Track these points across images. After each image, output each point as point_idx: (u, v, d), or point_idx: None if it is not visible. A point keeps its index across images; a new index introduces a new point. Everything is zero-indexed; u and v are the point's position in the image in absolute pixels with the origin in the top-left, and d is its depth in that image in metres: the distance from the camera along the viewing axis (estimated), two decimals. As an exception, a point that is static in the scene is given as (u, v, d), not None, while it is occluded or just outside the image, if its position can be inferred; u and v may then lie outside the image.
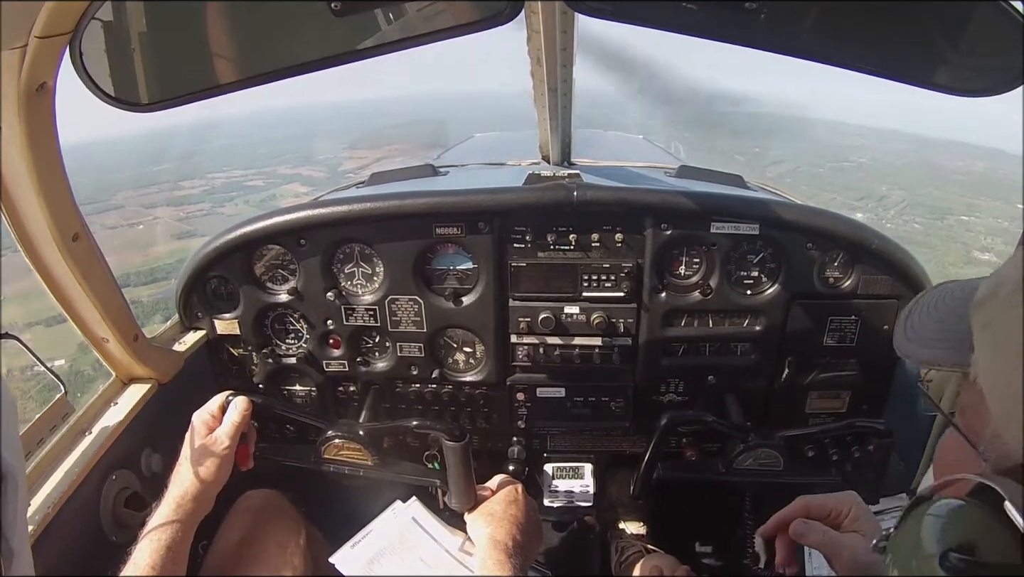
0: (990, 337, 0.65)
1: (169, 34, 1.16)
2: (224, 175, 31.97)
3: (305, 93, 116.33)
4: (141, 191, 27.57)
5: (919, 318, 0.85)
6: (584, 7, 1.13)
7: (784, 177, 29.71)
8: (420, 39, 1.13)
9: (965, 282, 0.87)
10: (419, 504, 1.72)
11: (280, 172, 33.06)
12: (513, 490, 1.61)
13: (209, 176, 30.78)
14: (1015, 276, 0.64)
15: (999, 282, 0.67)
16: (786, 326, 1.97)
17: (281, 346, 2.10)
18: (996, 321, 0.65)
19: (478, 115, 13.47)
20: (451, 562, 1.59)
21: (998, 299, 0.65)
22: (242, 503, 1.68)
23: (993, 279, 0.70)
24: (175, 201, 26.02)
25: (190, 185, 29.00)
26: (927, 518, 0.66)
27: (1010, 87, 1.12)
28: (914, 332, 0.84)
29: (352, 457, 1.78)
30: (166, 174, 30.72)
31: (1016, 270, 0.64)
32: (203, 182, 29.88)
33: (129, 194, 26.58)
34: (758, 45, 1.14)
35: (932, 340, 0.79)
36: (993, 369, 0.64)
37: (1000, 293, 0.65)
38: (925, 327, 0.83)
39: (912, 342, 0.83)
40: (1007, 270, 0.67)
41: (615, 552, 2.23)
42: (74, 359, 5.31)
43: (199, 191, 28.83)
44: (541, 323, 1.96)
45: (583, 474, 2.21)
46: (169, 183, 29.22)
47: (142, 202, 26.32)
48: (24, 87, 1.14)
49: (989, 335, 0.66)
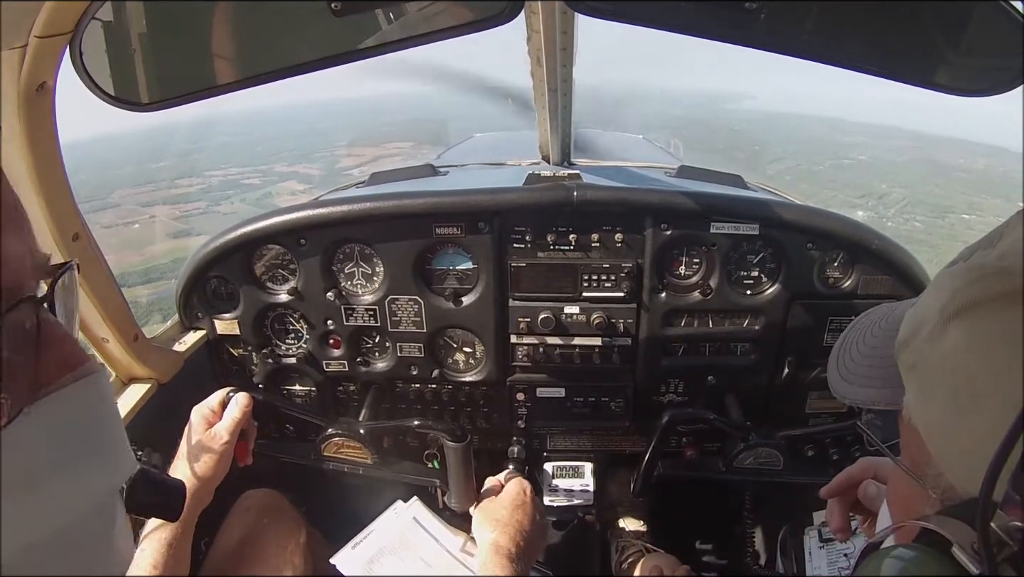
0: (917, 378, 0.64)
1: (169, 34, 1.16)
2: (221, 173, 31.90)
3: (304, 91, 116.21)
4: (138, 189, 27.48)
5: (850, 355, 0.83)
6: (584, 7, 1.13)
7: (784, 174, 29.63)
8: (420, 39, 1.13)
9: (889, 309, 0.85)
10: (420, 504, 1.72)
11: (277, 170, 33.00)
12: (521, 493, 1.60)
13: (206, 174, 30.71)
14: (934, 311, 0.62)
15: (921, 320, 0.64)
16: (786, 326, 1.97)
17: (281, 346, 2.10)
18: (921, 362, 0.63)
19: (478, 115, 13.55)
20: (452, 562, 1.59)
21: (920, 338, 0.63)
22: (242, 503, 1.68)
23: (914, 315, 0.67)
24: (172, 200, 25.95)
25: (187, 183, 28.92)
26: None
27: (1010, 87, 1.12)
28: (847, 371, 0.82)
29: (352, 455, 1.78)
30: (164, 172, 30.64)
31: (936, 303, 0.62)
32: (200, 180, 29.81)
33: (126, 192, 26.49)
34: (758, 45, 1.14)
35: (865, 379, 0.78)
36: (925, 410, 0.63)
37: (922, 332, 0.63)
38: (857, 365, 0.81)
39: (847, 383, 0.81)
40: (927, 303, 0.65)
41: (615, 551, 2.23)
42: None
43: (196, 189, 28.75)
44: (541, 323, 1.96)
45: (583, 473, 2.21)
46: (166, 181, 29.14)
47: (139, 200, 26.22)
48: (24, 87, 1.14)
49: (915, 376, 0.64)
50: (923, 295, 0.69)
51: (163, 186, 28.09)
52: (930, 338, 0.62)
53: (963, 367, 0.58)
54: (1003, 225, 0.65)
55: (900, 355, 0.67)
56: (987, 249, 0.63)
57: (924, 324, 0.63)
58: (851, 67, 1.18)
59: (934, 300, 0.63)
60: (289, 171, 32.38)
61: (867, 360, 0.79)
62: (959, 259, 0.66)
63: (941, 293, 0.62)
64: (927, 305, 0.65)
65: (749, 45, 1.15)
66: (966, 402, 0.57)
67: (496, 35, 1.15)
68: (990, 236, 0.65)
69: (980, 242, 0.66)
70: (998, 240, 0.62)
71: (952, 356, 0.59)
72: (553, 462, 2.24)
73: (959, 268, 0.64)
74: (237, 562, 1.56)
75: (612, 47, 38.19)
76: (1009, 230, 0.62)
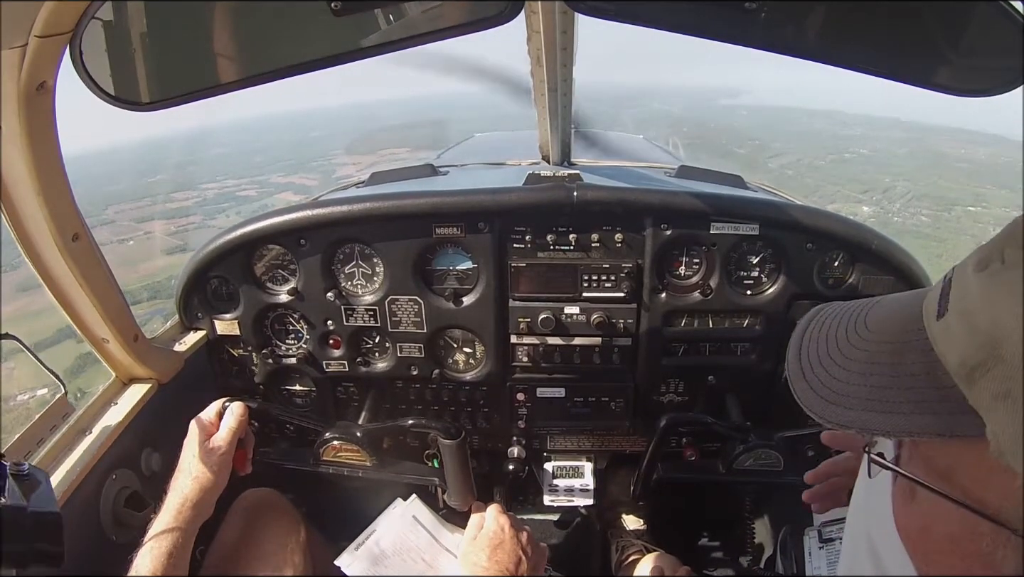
0: (1015, 407, 0.52)
1: (169, 33, 1.16)
2: (217, 185, 31.72)
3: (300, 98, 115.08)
4: (133, 204, 27.22)
5: (827, 372, 0.72)
6: (584, 7, 1.12)
7: (786, 169, 29.46)
8: (420, 39, 1.13)
9: (844, 311, 0.77)
10: (420, 503, 1.72)
11: (273, 181, 32.75)
12: (500, 532, 1.54)
13: (202, 187, 30.59)
14: (1010, 329, 0.52)
15: (992, 340, 0.54)
16: (786, 326, 1.97)
17: (281, 346, 2.10)
18: (1020, 388, 0.52)
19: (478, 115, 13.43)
20: (453, 561, 1.59)
21: (1006, 362, 0.53)
22: (240, 502, 1.68)
23: (972, 332, 0.57)
24: (167, 214, 25.77)
25: (183, 196, 28.78)
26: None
27: (1010, 87, 1.12)
28: (832, 392, 0.70)
29: (351, 458, 1.78)
30: (159, 186, 30.54)
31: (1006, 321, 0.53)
32: (196, 193, 29.65)
33: (121, 208, 26.30)
34: (758, 45, 1.14)
35: (876, 403, 0.65)
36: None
37: (1005, 354, 0.53)
38: (847, 385, 0.69)
39: (843, 408, 0.68)
40: (999, 317, 0.54)
41: (615, 551, 2.23)
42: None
43: (191, 203, 28.53)
44: (541, 323, 1.96)
45: (583, 473, 2.21)
46: (162, 195, 29.04)
47: (133, 216, 25.91)
48: (24, 87, 1.14)
49: (1012, 404, 0.53)
50: (963, 302, 0.59)
51: (159, 200, 27.91)
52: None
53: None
54: (1020, 219, 0.59)
55: (976, 382, 0.56)
56: (1018, 250, 0.56)
57: (1006, 343, 0.53)
58: (851, 67, 1.18)
59: (1009, 315, 0.53)
60: (285, 182, 32.19)
61: (865, 378, 0.68)
62: (990, 259, 0.58)
63: (1015, 307, 0.53)
64: (996, 319, 0.54)
65: (749, 45, 1.15)
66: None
67: (496, 35, 1.15)
68: (1014, 234, 0.57)
69: (1005, 240, 0.58)
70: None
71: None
72: (553, 462, 2.24)
73: (1019, 277, 0.54)
74: (236, 562, 1.56)
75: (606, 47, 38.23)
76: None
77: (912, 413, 0.62)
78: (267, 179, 33.35)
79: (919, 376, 0.62)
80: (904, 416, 0.62)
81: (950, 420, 0.59)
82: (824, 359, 0.73)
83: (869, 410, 0.65)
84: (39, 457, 1.52)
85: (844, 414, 0.67)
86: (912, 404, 0.62)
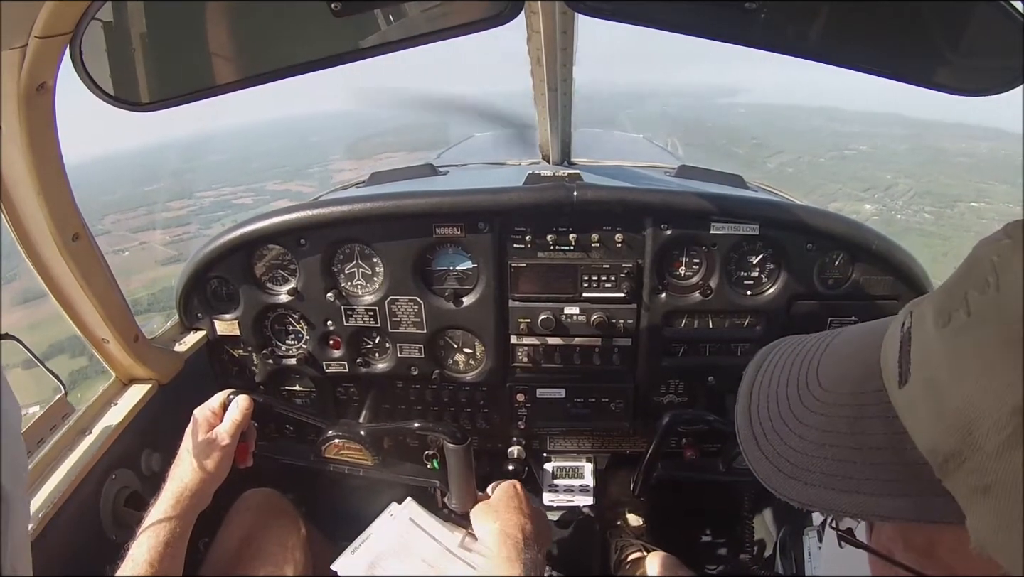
0: (998, 505, 0.46)
1: (169, 34, 1.16)
2: (213, 193, 31.55)
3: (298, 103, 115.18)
4: (129, 214, 27.04)
5: (783, 440, 0.64)
6: (584, 7, 1.13)
7: (786, 167, 29.33)
8: (420, 39, 1.14)
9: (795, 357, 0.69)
10: (415, 504, 1.72)
11: (269, 188, 32.51)
12: (512, 487, 1.62)
13: (198, 195, 30.47)
14: (1002, 412, 0.46)
15: (964, 423, 0.48)
16: (786, 326, 1.97)
17: (281, 347, 2.10)
18: (1002, 484, 0.46)
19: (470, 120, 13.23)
20: (453, 560, 1.59)
21: (984, 451, 0.47)
22: (242, 503, 1.68)
23: (940, 417, 0.50)
24: (163, 224, 25.62)
25: (179, 205, 28.67)
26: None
27: (1010, 87, 1.12)
28: (791, 465, 0.61)
29: (352, 457, 1.78)
30: (155, 194, 30.47)
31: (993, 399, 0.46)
32: (192, 202, 29.54)
33: (118, 217, 26.16)
34: (758, 45, 1.14)
35: (838, 480, 0.58)
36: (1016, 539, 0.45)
37: (983, 442, 0.47)
38: (808, 458, 0.61)
39: (803, 483, 0.60)
40: (973, 399, 0.48)
41: (615, 551, 2.23)
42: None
43: (187, 211, 28.36)
44: (541, 324, 1.96)
45: (583, 473, 2.21)
46: (159, 204, 28.97)
47: (130, 226, 25.76)
48: (24, 87, 1.14)
49: (994, 502, 0.47)
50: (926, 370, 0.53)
51: (156, 209, 27.79)
52: (1008, 450, 0.45)
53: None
54: (986, 251, 0.52)
55: (951, 472, 0.50)
56: (985, 292, 0.50)
57: (981, 429, 0.47)
58: (852, 67, 1.18)
59: (983, 393, 0.47)
60: (282, 189, 31.96)
61: (823, 449, 0.60)
62: (951, 308, 0.52)
63: (989, 382, 0.47)
64: (968, 399, 0.48)
65: (750, 45, 1.15)
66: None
67: (496, 35, 1.15)
68: (976, 271, 0.51)
69: (966, 280, 0.52)
70: (995, 279, 0.49)
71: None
72: (553, 462, 2.23)
73: (989, 337, 0.48)
74: (237, 562, 1.56)
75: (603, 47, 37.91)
76: (1006, 262, 0.49)
77: (879, 494, 0.55)
78: (263, 186, 33.16)
79: (883, 450, 0.55)
80: (870, 497, 0.55)
81: (922, 503, 0.52)
82: (777, 423, 0.65)
83: (831, 488, 0.58)
84: (39, 457, 1.53)
85: (805, 492, 0.60)
86: (879, 483, 0.55)
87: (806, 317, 1.95)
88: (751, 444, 0.66)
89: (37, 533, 1.39)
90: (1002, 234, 0.52)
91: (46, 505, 1.43)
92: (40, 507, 1.43)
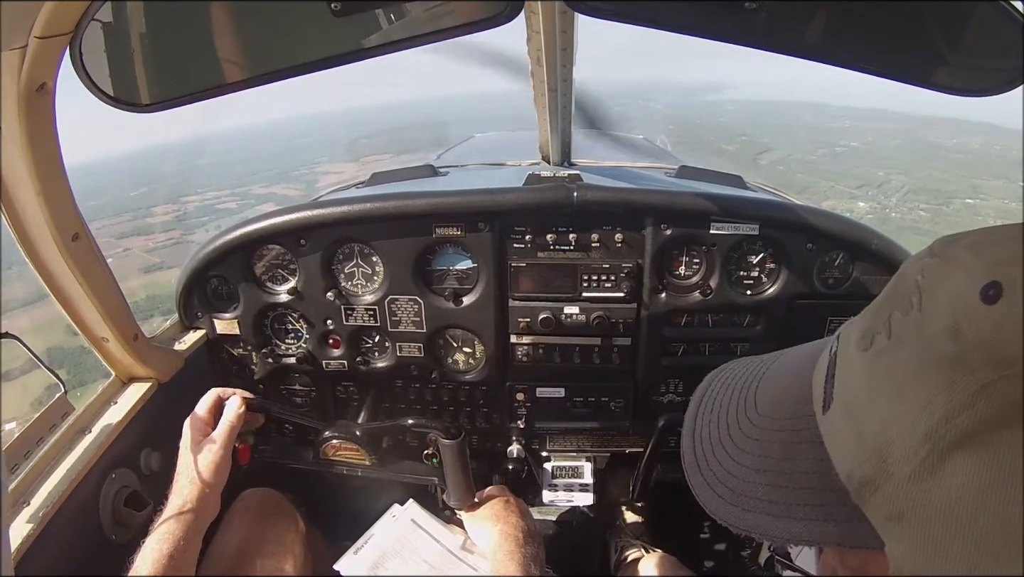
0: (912, 529, 0.46)
1: (169, 34, 1.16)
2: (198, 198, 31.49)
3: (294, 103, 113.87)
4: (114, 220, 26.91)
5: (723, 466, 0.64)
6: (584, 7, 1.12)
7: (777, 165, 29.22)
8: (420, 39, 1.13)
9: (738, 380, 0.69)
10: (417, 506, 1.73)
11: (254, 192, 32.42)
12: (501, 490, 1.64)
13: (183, 200, 30.36)
14: (914, 438, 0.45)
15: (883, 449, 0.48)
16: (786, 326, 1.97)
17: (281, 346, 2.10)
18: (915, 510, 0.46)
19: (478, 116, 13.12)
20: (455, 561, 1.59)
21: (898, 477, 0.47)
22: (240, 503, 1.68)
23: (859, 440, 0.50)
24: (146, 230, 25.46)
25: (163, 211, 28.59)
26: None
27: (1010, 87, 1.12)
28: (730, 491, 0.62)
29: (350, 457, 1.78)
30: (140, 200, 30.37)
31: (908, 427, 0.46)
32: (176, 207, 29.49)
33: (104, 223, 25.98)
34: (758, 45, 1.14)
35: (772, 505, 0.58)
36: (933, 566, 0.46)
37: (897, 468, 0.47)
38: (747, 485, 0.61)
39: (741, 509, 0.60)
40: (886, 424, 0.48)
41: (614, 551, 2.23)
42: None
43: (171, 216, 28.29)
44: (541, 323, 1.96)
45: (583, 473, 2.21)
46: (143, 209, 28.85)
47: (114, 232, 25.61)
48: (24, 87, 1.14)
49: (908, 527, 0.47)
50: (847, 394, 0.52)
51: (140, 215, 27.67)
52: (919, 477, 0.45)
53: (989, 508, 0.42)
54: (911, 271, 0.51)
55: (866, 500, 0.50)
56: (908, 312, 0.49)
57: (895, 455, 0.47)
58: (851, 67, 1.18)
59: (896, 418, 0.47)
60: (266, 193, 31.87)
61: (759, 475, 0.60)
62: (874, 331, 0.51)
63: (904, 407, 0.46)
64: (883, 425, 0.48)
65: (749, 45, 1.15)
66: (1002, 550, 0.42)
67: (496, 35, 1.15)
68: (899, 292, 0.51)
69: (889, 301, 0.52)
70: (918, 300, 0.48)
71: (969, 498, 0.43)
72: (553, 462, 2.24)
73: (908, 358, 0.47)
74: (237, 561, 1.56)
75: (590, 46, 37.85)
76: (930, 281, 0.48)
77: (809, 519, 0.55)
78: (248, 190, 33.06)
79: (812, 475, 0.56)
80: (800, 522, 0.56)
81: (848, 529, 0.52)
82: (718, 449, 0.65)
83: (766, 513, 0.59)
84: (39, 456, 1.52)
85: (743, 517, 0.60)
86: (808, 508, 0.56)
87: (806, 317, 1.95)
88: (694, 470, 0.67)
89: (36, 533, 1.39)
90: (927, 252, 0.51)
91: (46, 505, 1.43)
92: (40, 507, 1.43)
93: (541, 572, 1.44)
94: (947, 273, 0.47)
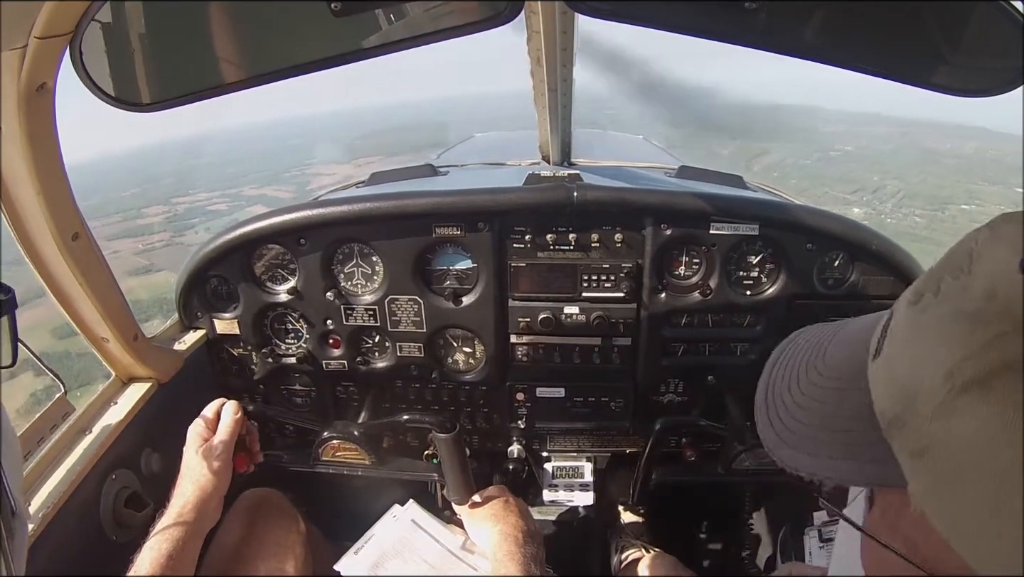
0: (931, 466, 0.50)
1: (168, 34, 1.16)
2: (189, 199, 31.26)
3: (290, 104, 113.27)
4: (104, 221, 26.52)
5: (785, 406, 0.70)
6: (584, 7, 1.12)
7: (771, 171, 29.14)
8: (420, 39, 1.13)
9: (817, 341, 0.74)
10: (417, 506, 1.73)
11: (245, 194, 32.14)
12: (500, 490, 1.64)
13: (173, 201, 30.18)
14: (936, 379, 0.49)
15: (912, 388, 0.51)
16: (786, 326, 1.97)
17: (281, 346, 2.10)
18: (935, 447, 0.49)
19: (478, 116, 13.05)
20: (455, 561, 1.60)
21: (922, 415, 0.50)
22: (240, 502, 1.68)
23: (891, 380, 0.55)
24: (136, 231, 25.21)
25: (154, 212, 28.39)
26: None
27: (1010, 87, 1.12)
28: (784, 428, 0.68)
29: (350, 457, 1.78)
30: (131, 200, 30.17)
31: (932, 367, 0.50)
32: (166, 208, 29.30)
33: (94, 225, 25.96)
34: (758, 45, 1.14)
35: (813, 443, 0.64)
36: (948, 504, 0.49)
37: (922, 407, 0.50)
38: (797, 424, 0.67)
39: (790, 447, 0.66)
40: (916, 366, 0.52)
41: (615, 551, 2.23)
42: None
43: (161, 218, 28.07)
44: (541, 323, 1.96)
45: (583, 473, 2.21)
46: (133, 211, 28.67)
47: (104, 234, 25.31)
48: (24, 87, 1.15)
49: (928, 464, 0.50)
50: (893, 345, 0.57)
51: (130, 216, 27.47)
52: (940, 415, 0.49)
53: (1000, 448, 0.46)
54: (968, 241, 0.55)
55: (894, 437, 0.54)
56: (959, 277, 0.53)
57: (921, 395, 0.51)
58: (851, 67, 1.18)
59: (926, 361, 0.51)
60: (257, 194, 31.53)
61: (808, 418, 0.66)
62: (925, 289, 0.56)
63: (934, 351, 0.51)
64: (914, 367, 0.52)
65: (749, 45, 1.15)
66: (1010, 491, 0.45)
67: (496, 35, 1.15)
68: (955, 258, 0.55)
69: (945, 266, 0.56)
70: (969, 265, 0.53)
71: (984, 438, 0.46)
72: (553, 462, 2.24)
73: (946, 312, 0.52)
74: (237, 561, 1.56)
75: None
76: (982, 250, 0.53)
77: (838, 458, 0.61)
78: (239, 192, 32.82)
79: (855, 419, 0.60)
80: (836, 461, 0.61)
81: (872, 469, 0.57)
82: (784, 395, 0.72)
83: (804, 452, 0.65)
84: (39, 456, 1.53)
85: (787, 453, 0.66)
86: (842, 447, 0.61)
87: (806, 317, 1.95)
88: (760, 409, 0.73)
89: (37, 533, 1.39)
90: (986, 226, 0.56)
91: (46, 505, 1.43)
92: (40, 507, 1.43)
93: (541, 572, 1.44)
94: (996, 244, 0.52)
